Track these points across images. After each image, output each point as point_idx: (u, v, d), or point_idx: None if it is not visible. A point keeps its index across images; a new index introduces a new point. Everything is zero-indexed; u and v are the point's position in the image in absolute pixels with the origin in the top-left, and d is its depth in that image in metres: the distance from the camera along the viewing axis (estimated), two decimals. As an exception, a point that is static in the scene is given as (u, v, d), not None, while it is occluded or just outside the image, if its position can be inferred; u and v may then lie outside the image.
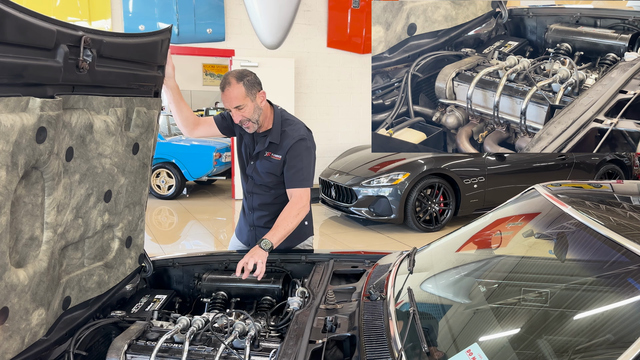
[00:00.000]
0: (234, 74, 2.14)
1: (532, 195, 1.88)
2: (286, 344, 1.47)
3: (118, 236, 1.78)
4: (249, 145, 2.35)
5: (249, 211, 2.42)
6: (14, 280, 1.23)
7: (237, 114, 2.15)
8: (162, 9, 7.46)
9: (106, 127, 1.53)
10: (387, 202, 5.84)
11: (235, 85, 2.10)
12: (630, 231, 1.29)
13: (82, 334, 1.59)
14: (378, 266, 2.03)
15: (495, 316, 1.36)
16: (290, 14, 6.02)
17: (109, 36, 1.45)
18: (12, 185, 1.17)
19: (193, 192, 8.82)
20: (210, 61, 15.10)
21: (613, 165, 7.19)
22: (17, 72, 1.15)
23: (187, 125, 2.38)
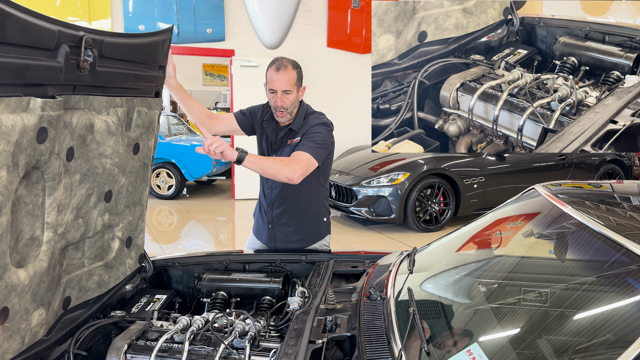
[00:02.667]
0: (289, 60, 2.19)
1: (532, 195, 1.88)
2: (286, 344, 1.47)
3: (118, 236, 1.78)
4: (272, 137, 2.35)
5: (268, 208, 2.42)
6: (14, 280, 1.23)
7: (283, 98, 2.17)
8: (162, 9, 7.46)
9: (107, 127, 1.53)
10: (387, 202, 5.84)
11: (291, 70, 2.15)
12: (630, 231, 1.29)
13: (82, 334, 1.59)
14: (378, 266, 2.03)
15: (495, 316, 1.36)
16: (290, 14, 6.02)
17: (110, 36, 1.45)
18: (13, 185, 1.17)
19: (193, 192, 8.82)
20: (210, 61, 15.08)
21: (613, 165, 7.19)
22: (18, 72, 1.15)
23: (202, 121, 2.37)
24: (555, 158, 6.67)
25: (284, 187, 2.35)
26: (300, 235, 2.36)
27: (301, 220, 2.38)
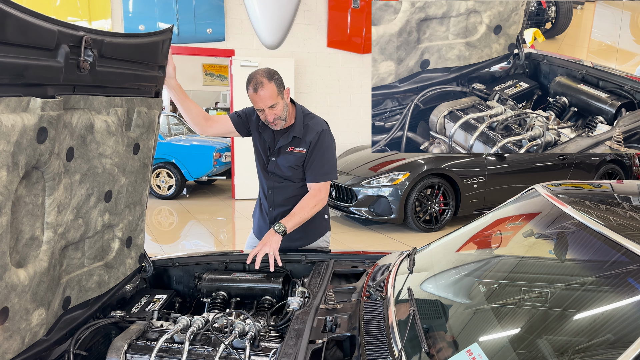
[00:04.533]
0: (262, 73, 2.14)
1: (532, 195, 1.88)
2: (286, 344, 1.47)
3: (118, 236, 1.78)
4: (269, 142, 2.35)
5: (270, 209, 2.43)
6: (14, 280, 1.23)
7: (271, 113, 2.16)
8: (162, 9, 7.46)
9: (107, 127, 1.53)
10: (387, 202, 5.84)
11: (268, 85, 2.12)
12: (630, 231, 1.29)
13: (82, 334, 1.59)
14: (378, 266, 2.03)
15: (495, 316, 1.36)
16: (290, 14, 6.02)
17: (110, 36, 1.45)
18: (13, 185, 1.17)
19: (193, 192, 8.82)
20: (210, 61, 15.09)
21: (613, 165, 7.19)
22: (18, 72, 1.15)
23: (198, 122, 2.38)
24: (555, 158, 6.67)
25: (285, 188, 2.35)
26: (302, 233, 2.37)
27: None
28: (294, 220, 2.20)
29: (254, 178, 2.79)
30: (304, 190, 2.34)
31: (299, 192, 2.35)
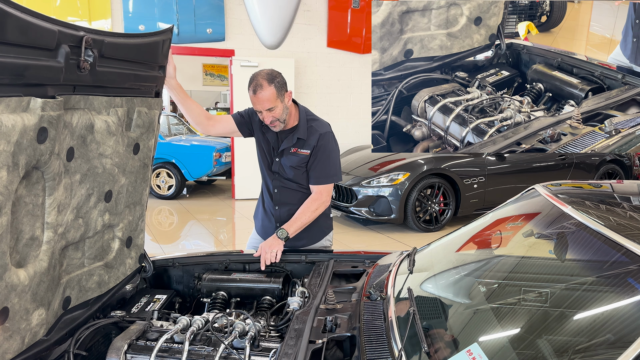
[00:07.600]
0: (263, 75, 2.15)
1: (532, 195, 1.88)
2: (286, 344, 1.47)
3: (118, 236, 1.78)
4: (273, 143, 2.36)
5: (276, 208, 2.43)
6: (14, 280, 1.23)
7: (268, 115, 2.18)
8: (162, 9, 7.46)
9: (107, 127, 1.53)
10: (387, 202, 5.84)
11: (267, 88, 2.13)
12: (630, 231, 1.29)
13: (82, 334, 1.59)
14: (378, 266, 2.03)
15: (495, 316, 1.36)
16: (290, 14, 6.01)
17: (110, 36, 1.45)
18: (13, 185, 1.17)
19: (193, 192, 8.82)
20: (210, 61, 15.09)
21: (613, 165, 7.19)
22: (18, 72, 1.15)
23: (200, 122, 2.38)
24: (556, 158, 6.67)
25: (290, 188, 2.36)
26: (307, 233, 2.38)
27: None
28: (296, 225, 2.25)
29: (254, 178, 2.80)
30: (309, 191, 2.37)
31: (305, 190, 2.37)
